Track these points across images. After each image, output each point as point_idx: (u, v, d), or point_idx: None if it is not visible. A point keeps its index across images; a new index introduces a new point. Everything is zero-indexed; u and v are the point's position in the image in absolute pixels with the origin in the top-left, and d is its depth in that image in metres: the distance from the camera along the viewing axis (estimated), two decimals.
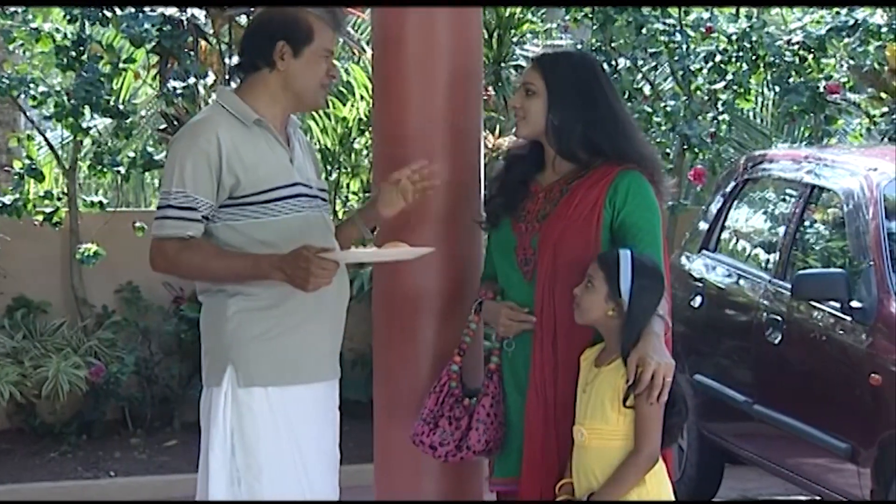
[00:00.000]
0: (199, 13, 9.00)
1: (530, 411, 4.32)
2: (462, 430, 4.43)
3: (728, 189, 8.17)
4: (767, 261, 7.51)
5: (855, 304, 6.38)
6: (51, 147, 9.76)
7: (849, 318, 6.41)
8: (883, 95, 10.19)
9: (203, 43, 9.19)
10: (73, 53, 8.84)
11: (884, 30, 10.04)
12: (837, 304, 6.48)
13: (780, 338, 6.96)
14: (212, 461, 4.29)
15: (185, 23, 8.91)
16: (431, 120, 4.71)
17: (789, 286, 6.90)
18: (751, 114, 12.67)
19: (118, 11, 8.87)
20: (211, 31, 9.17)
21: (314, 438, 4.40)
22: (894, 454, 6.06)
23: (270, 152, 4.34)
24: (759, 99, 11.58)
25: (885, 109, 10.05)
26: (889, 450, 6.10)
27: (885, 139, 9.85)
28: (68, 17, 8.89)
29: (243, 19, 9.08)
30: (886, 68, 9.94)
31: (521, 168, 4.47)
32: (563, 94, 4.34)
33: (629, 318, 4.11)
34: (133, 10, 8.75)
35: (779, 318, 7.00)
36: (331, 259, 4.19)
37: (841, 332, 6.50)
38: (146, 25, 8.70)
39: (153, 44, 8.99)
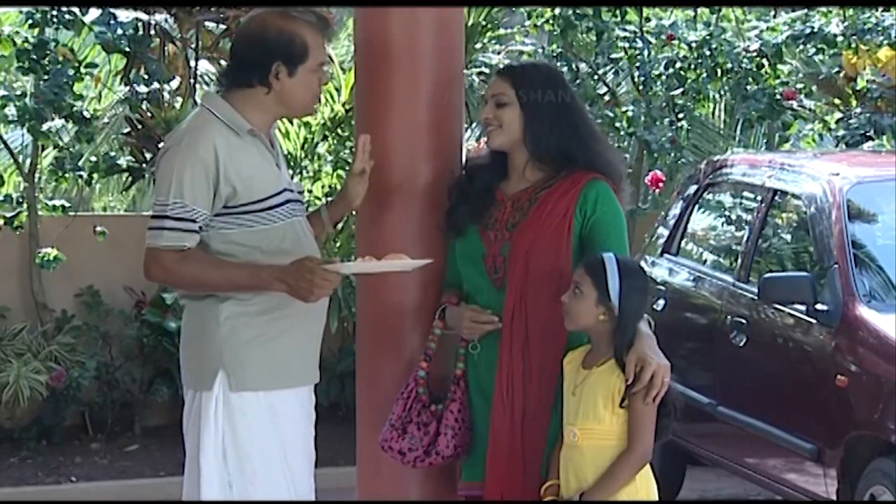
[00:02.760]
0: (166, 16, 8.97)
1: (496, 416, 4.36)
2: (430, 436, 4.47)
3: (689, 193, 8.26)
4: (731, 264, 7.60)
5: (820, 306, 6.47)
6: (10, 151, 9.70)
7: (814, 321, 6.51)
8: (836, 101, 10.32)
9: (169, 47, 9.16)
10: (35, 57, 8.79)
11: (839, 38, 10.17)
12: (803, 307, 6.57)
13: (744, 340, 7.04)
14: (203, 465, 4.30)
15: (152, 26, 8.88)
16: (414, 124, 4.72)
17: (753, 289, 7.01)
18: (705, 119, 12.79)
19: (79, 13, 8.82)
20: (178, 35, 9.14)
21: (300, 440, 4.45)
22: (861, 454, 6.17)
23: (263, 161, 4.37)
24: (714, 104, 11.67)
25: (840, 115, 10.17)
26: (855, 450, 6.20)
27: (841, 144, 9.97)
28: (30, 22, 8.84)
29: (211, 24, 9.10)
30: (841, 75, 10.08)
31: (484, 177, 4.51)
32: (535, 101, 4.40)
33: (621, 321, 4.16)
34: (102, 13, 8.70)
35: (743, 320, 7.09)
36: (333, 271, 4.23)
37: (806, 334, 6.59)
38: (119, 31, 8.66)
39: (118, 49, 8.95)
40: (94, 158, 9.21)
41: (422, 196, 4.73)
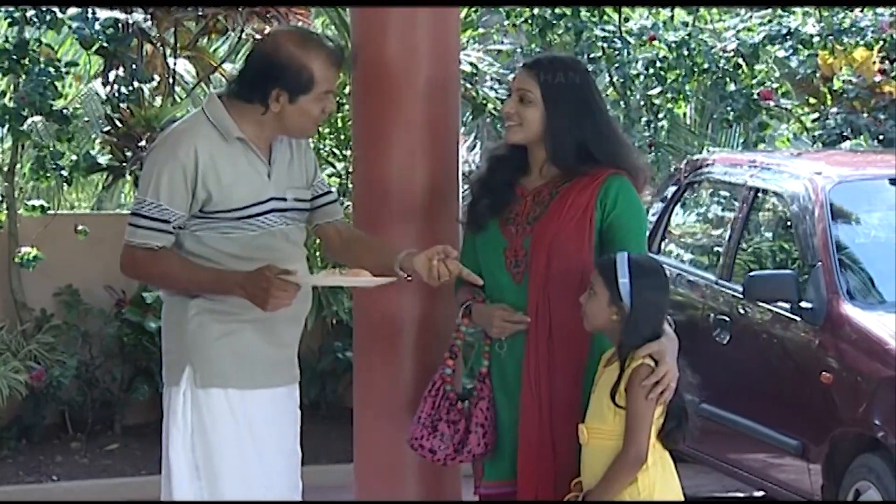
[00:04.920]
0: (144, 15, 8.96)
1: (525, 412, 4.36)
2: (460, 434, 4.45)
3: (669, 193, 8.31)
4: (713, 262, 7.66)
5: (804, 304, 6.53)
6: None
7: (799, 318, 6.57)
8: (812, 101, 10.40)
9: (148, 46, 9.14)
10: (15, 57, 8.76)
11: (815, 38, 10.26)
12: (787, 305, 6.63)
13: (728, 338, 7.10)
14: (173, 458, 4.35)
15: (130, 25, 8.87)
16: (411, 124, 4.76)
17: (736, 287, 7.08)
18: (684, 118, 12.85)
19: (58, 11, 8.80)
20: (155, 34, 9.13)
21: (274, 439, 4.46)
22: (846, 450, 6.23)
23: (249, 168, 4.36)
24: (689, 104, 11.74)
25: (817, 115, 10.25)
26: (840, 446, 6.27)
27: (817, 143, 10.06)
28: (9, 21, 8.81)
29: (190, 23, 9.09)
30: (818, 75, 10.15)
31: (505, 171, 4.49)
32: (559, 103, 4.37)
33: (631, 318, 4.16)
34: (80, 11, 8.69)
35: (727, 318, 7.14)
36: (291, 281, 4.23)
37: (791, 331, 6.66)
38: (97, 26, 8.65)
39: (97, 46, 8.93)
40: (73, 157, 9.16)
41: (418, 195, 4.76)
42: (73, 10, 8.79)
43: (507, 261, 4.42)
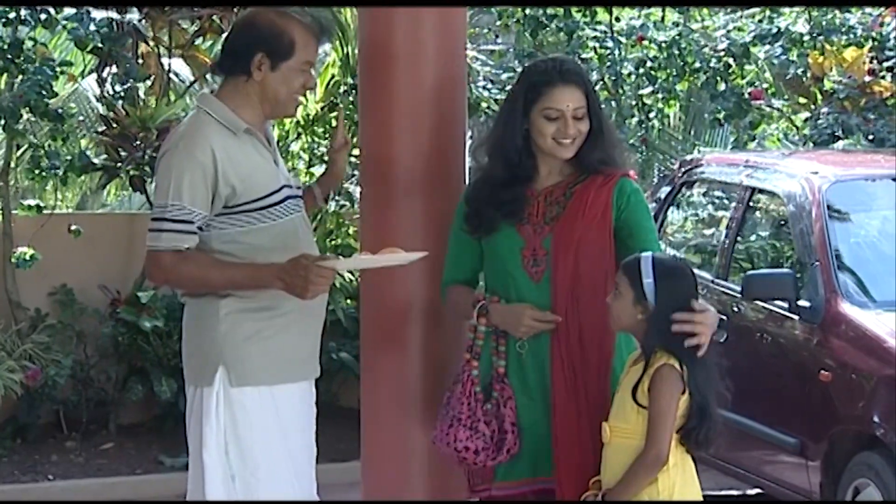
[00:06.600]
0: (139, 15, 8.96)
1: (560, 411, 4.37)
2: (497, 434, 4.44)
3: (664, 193, 8.35)
4: (709, 261, 7.69)
5: (803, 303, 6.57)
6: None
7: (797, 317, 6.61)
8: (802, 101, 10.44)
9: (142, 46, 9.14)
10: (10, 56, 8.75)
11: (805, 38, 10.30)
12: (785, 304, 6.67)
13: (725, 336, 7.13)
14: (206, 459, 4.36)
15: (125, 25, 8.86)
16: (417, 123, 4.78)
17: (733, 286, 7.11)
18: (669, 119, 12.89)
19: (52, 11, 8.79)
20: (150, 34, 9.12)
21: (301, 434, 4.51)
22: (844, 448, 6.27)
23: (261, 159, 4.42)
24: (678, 104, 11.78)
25: (807, 115, 10.30)
26: (839, 444, 6.31)
27: (808, 143, 10.10)
28: (3, 21, 8.80)
29: (185, 23, 9.10)
30: (809, 74, 10.19)
31: (514, 177, 4.49)
32: (596, 110, 4.46)
33: (655, 316, 4.18)
34: (76, 11, 8.69)
35: (724, 317, 7.16)
36: (328, 267, 4.28)
37: (788, 330, 6.70)
38: (91, 27, 8.65)
39: (91, 46, 8.92)
40: (69, 157, 9.16)
41: (425, 194, 4.78)
42: (68, 11, 8.78)
43: (524, 260, 4.43)
